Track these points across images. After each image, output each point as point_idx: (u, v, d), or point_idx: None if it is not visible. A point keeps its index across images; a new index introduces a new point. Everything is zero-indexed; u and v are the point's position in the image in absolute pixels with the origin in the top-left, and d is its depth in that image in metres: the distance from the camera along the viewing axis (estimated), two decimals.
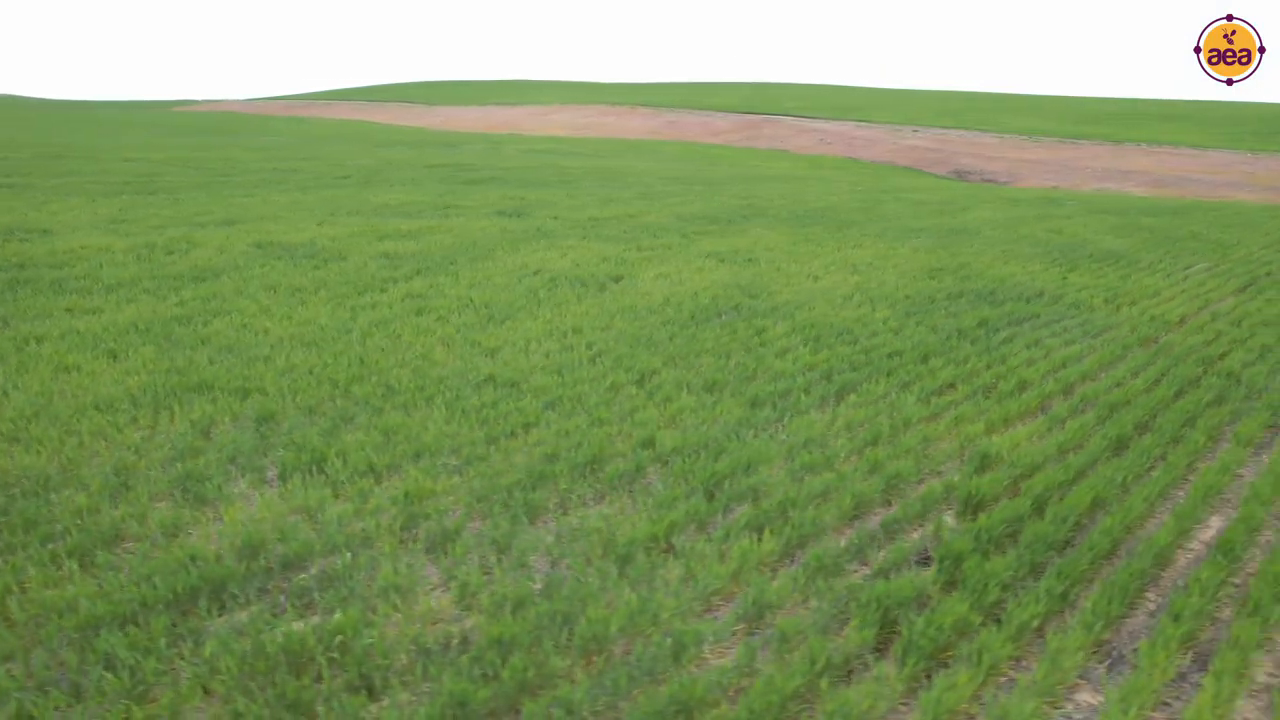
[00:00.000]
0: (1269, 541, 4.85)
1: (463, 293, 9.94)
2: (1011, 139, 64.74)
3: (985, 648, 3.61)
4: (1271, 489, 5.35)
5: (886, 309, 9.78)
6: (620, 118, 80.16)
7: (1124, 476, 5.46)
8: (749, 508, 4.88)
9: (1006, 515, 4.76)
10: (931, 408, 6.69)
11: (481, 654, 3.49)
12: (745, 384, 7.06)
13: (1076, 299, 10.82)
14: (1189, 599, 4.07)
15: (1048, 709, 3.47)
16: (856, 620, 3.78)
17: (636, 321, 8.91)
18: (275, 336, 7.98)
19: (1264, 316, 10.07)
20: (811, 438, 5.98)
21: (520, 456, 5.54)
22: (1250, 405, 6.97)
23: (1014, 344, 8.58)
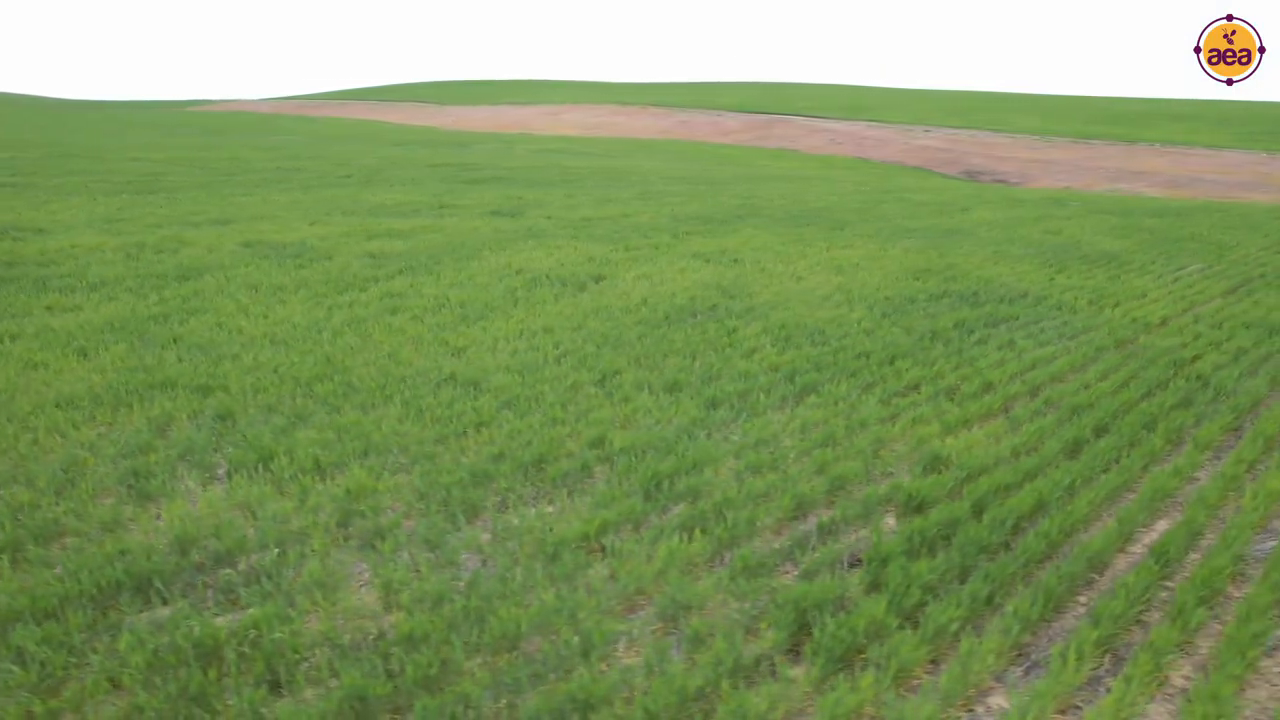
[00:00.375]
0: (1210, 545, 4.82)
1: (441, 292, 10.00)
2: (1024, 139, 64.33)
3: (895, 651, 3.61)
4: (1219, 494, 5.31)
5: (864, 310, 9.75)
6: (631, 117, 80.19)
7: (1073, 480, 5.43)
8: (685, 508, 4.90)
9: (943, 518, 4.76)
10: (891, 409, 6.68)
11: (389, 650, 3.52)
12: (707, 384, 7.08)
13: (1060, 300, 10.75)
14: (1112, 603, 4.05)
15: (954, 713, 3.47)
16: (768, 621, 3.79)
17: (610, 321, 8.94)
18: (248, 335, 8.06)
19: (1247, 318, 9.98)
20: (764, 438, 5.99)
21: (469, 455, 5.58)
22: (1215, 408, 6.91)
23: (986, 345, 8.55)
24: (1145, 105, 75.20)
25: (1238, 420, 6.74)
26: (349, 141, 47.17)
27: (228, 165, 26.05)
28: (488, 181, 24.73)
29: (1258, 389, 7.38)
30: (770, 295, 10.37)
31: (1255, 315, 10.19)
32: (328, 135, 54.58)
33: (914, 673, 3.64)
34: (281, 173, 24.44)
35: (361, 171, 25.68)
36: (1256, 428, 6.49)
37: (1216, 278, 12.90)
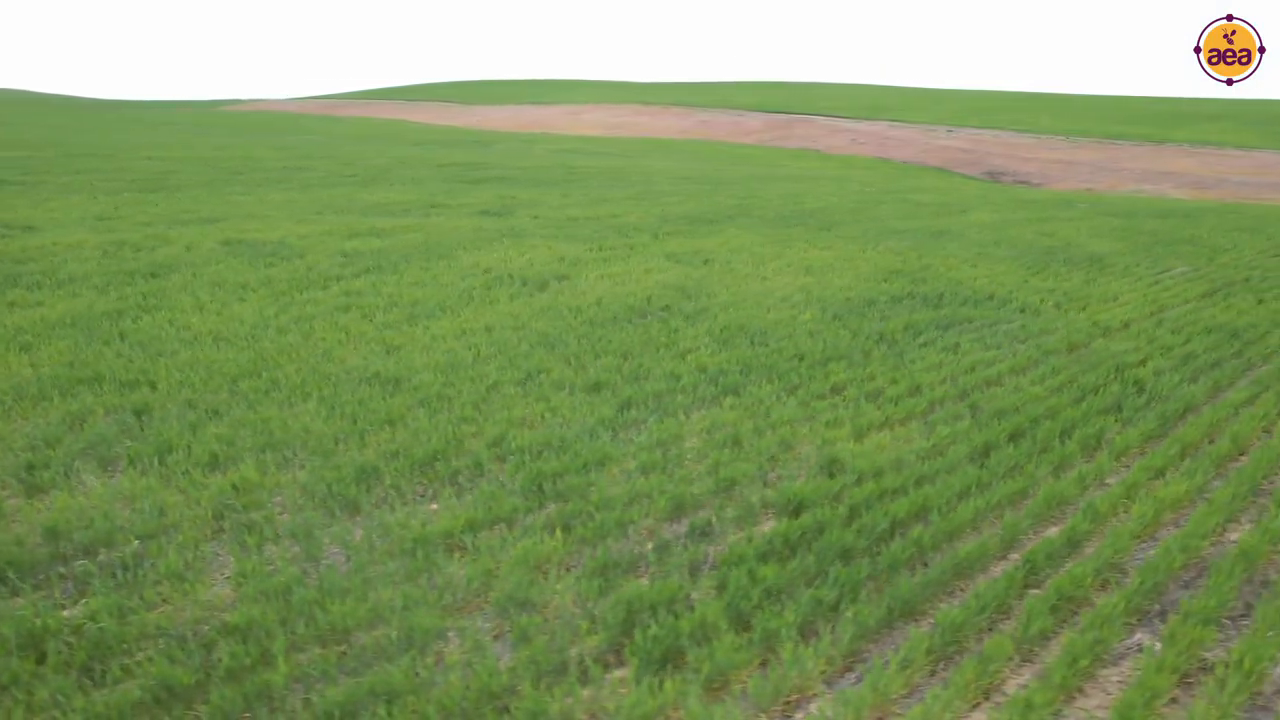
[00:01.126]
0: (1088, 554, 4.76)
1: (398, 291, 10.10)
2: (1047, 139, 63.43)
3: (712, 654, 3.62)
4: (1113, 502, 5.24)
5: (817, 311, 9.71)
6: (653, 117, 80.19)
7: (967, 485, 5.39)
8: (559, 507, 4.93)
9: (812, 522, 4.74)
10: (809, 411, 6.65)
11: (214, 642, 3.60)
12: (629, 385, 7.10)
13: (1025, 303, 10.62)
14: (960, 611, 4.02)
15: (767, 718, 3.47)
16: (589, 623, 3.81)
17: (556, 321, 8.98)
18: (194, 332, 8.21)
19: (1213, 323, 9.79)
20: (667, 439, 6.00)
21: (367, 452, 5.65)
22: (1143, 414, 6.81)
23: (931, 348, 8.47)
24: (1175, 105, 73.75)
25: (1163, 427, 6.63)
26: (368, 141, 47.69)
27: (238, 164, 26.47)
28: (490, 181, 24.90)
29: (1194, 395, 7.25)
30: (728, 296, 10.36)
31: (1222, 319, 9.99)
32: (348, 135, 55.22)
33: (736, 676, 3.64)
34: (287, 172, 24.80)
35: (367, 171, 25.98)
36: (1177, 434, 6.38)
37: (1198, 281, 12.66)
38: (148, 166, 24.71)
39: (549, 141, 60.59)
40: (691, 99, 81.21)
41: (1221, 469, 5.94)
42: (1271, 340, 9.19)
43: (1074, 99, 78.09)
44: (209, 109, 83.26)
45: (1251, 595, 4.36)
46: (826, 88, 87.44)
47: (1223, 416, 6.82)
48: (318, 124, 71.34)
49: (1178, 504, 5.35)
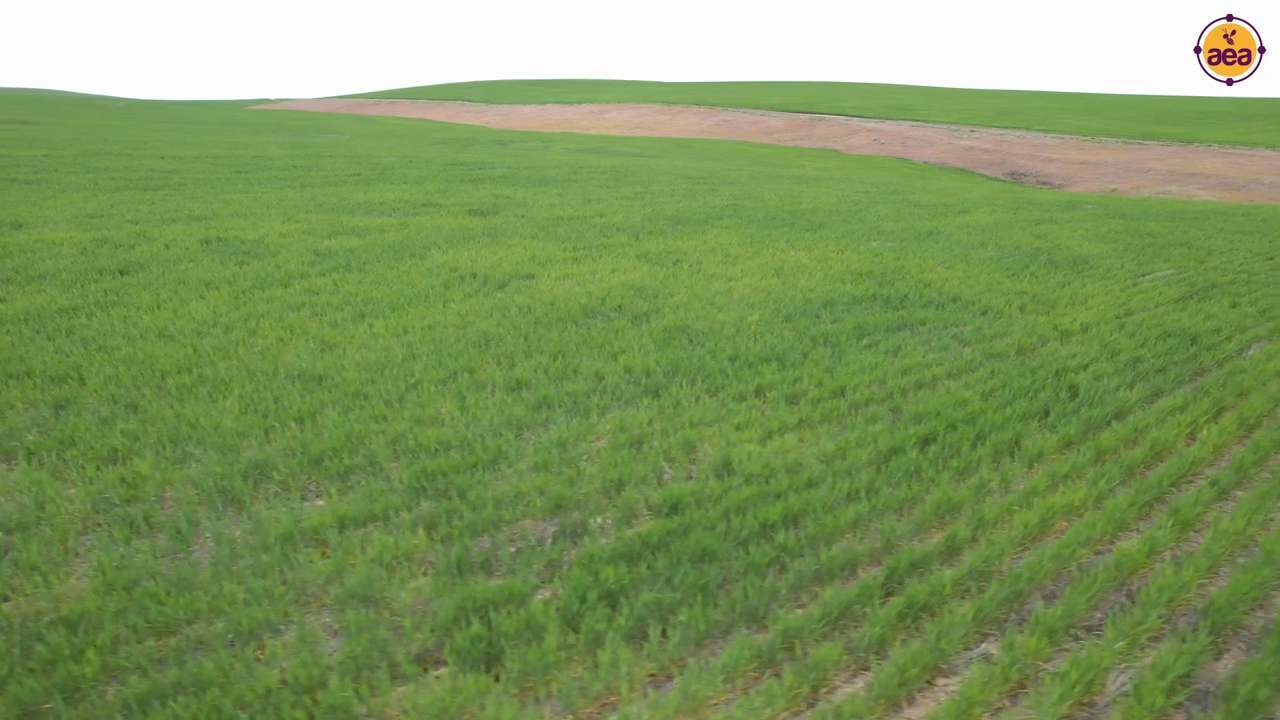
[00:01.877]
0: (963, 563, 4.70)
1: (357, 290, 10.21)
2: (1072, 140, 62.49)
3: (531, 655, 3.63)
4: (1003, 510, 5.17)
5: (770, 312, 9.66)
6: (675, 116, 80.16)
7: (858, 489, 5.35)
8: (434, 505, 4.97)
9: (679, 525, 4.73)
10: (723, 412, 6.63)
11: (40, 634, 3.68)
12: (553, 384, 7.12)
13: (990, 305, 10.48)
14: (801, 618, 4.00)
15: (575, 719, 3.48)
16: (419, 620, 3.84)
17: (503, 321, 9.03)
18: (142, 329, 8.36)
19: (1176, 327, 9.59)
20: (570, 439, 6.02)
21: (268, 448, 5.73)
22: (1067, 420, 6.70)
23: (873, 350, 8.40)
24: (1205, 104, 72.25)
25: (1085, 433, 6.51)
26: (386, 140, 48.08)
27: (246, 163, 26.85)
28: (491, 180, 25.02)
29: (1127, 400, 7.11)
30: (685, 297, 10.34)
31: (1187, 324, 9.78)
32: (369, 134, 55.77)
33: (554, 677, 3.65)
34: (294, 171, 25.11)
35: (372, 170, 26.22)
36: (1096, 441, 6.27)
37: (1178, 283, 12.41)
38: (158, 165, 25.14)
39: (569, 140, 60.82)
40: (715, 98, 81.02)
41: (1131, 476, 5.83)
42: (1230, 346, 8.99)
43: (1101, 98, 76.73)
44: (237, 109, 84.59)
45: (1111, 607, 4.28)
46: (850, 87, 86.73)
47: (1150, 422, 6.69)
48: (343, 123, 72.16)
49: (1073, 512, 5.26)
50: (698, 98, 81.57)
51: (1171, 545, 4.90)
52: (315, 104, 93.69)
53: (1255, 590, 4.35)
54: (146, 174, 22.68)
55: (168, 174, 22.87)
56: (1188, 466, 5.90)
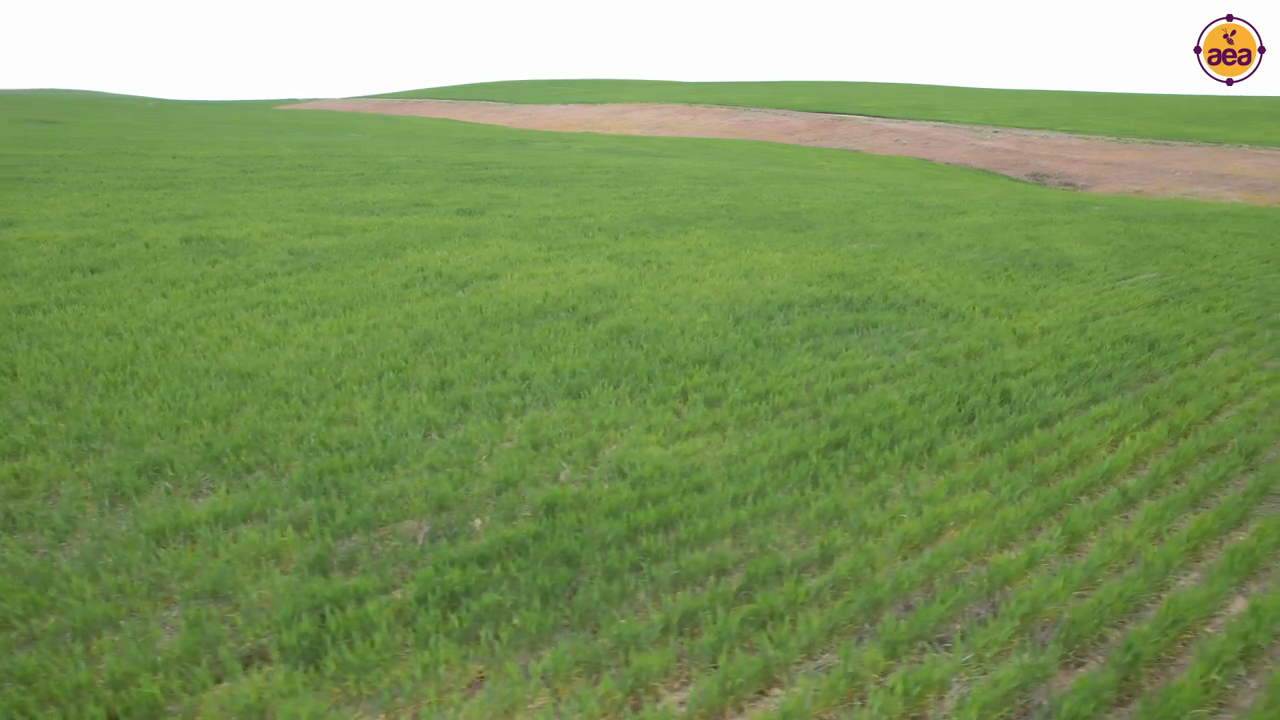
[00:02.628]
0: (832, 571, 4.63)
1: (319, 290, 10.30)
2: (1098, 140, 61.45)
3: (349, 653, 3.64)
4: (886, 521, 5.09)
5: (723, 314, 9.59)
6: (696, 116, 80.00)
7: (746, 494, 5.30)
8: (316, 503, 5.00)
9: (548, 526, 4.72)
10: (639, 414, 6.60)
11: None
12: (478, 385, 7.14)
13: (952, 308, 10.33)
14: (639, 624, 3.97)
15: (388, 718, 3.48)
16: (245, 618, 3.87)
17: (451, 320, 9.06)
18: (93, 326, 8.50)
19: (1139, 331, 9.38)
20: (476, 440, 6.03)
21: (173, 445, 5.80)
22: (991, 426, 6.58)
23: (814, 353, 8.31)
24: (1236, 104, 70.69)
25: (1004, 439, 6.40)
26: (404, 139, 48.44)
27: (256, 162, 27.21)
28: (493, 180, 25.13)
29: (1059, 406, 6.98)
30: (643, 298, 10.31)
31: (1151, 328, 9.57)
32: (390, 133, 56.26)
33: (376, 676, 3.65)
34: (299, 170, 25.40)
35: (377, 170, 26.45)
36: (1014, 447, 6.16)
37: (1157, 287, 12.15)
38: (168, 165, 25.56)
39: (588, 140, 60.93)
40: (737, 98, 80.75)
41: (1041, 484, 5.71)
42: (1188, 351, 8.78)
43: (1128, 98, 75.30)
44: (264, 108, 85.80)
45: (970, 619, 4.20)
46: (873, 87, 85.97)
47: (1076, 429, 6.56)
48: (367, 123, 72.84)
49: (965, 520, 5.17)
50: (719, 98, 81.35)
51: (1055, 556, 4.80)
52: (341, 104, 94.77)
53: (1124, 604, 4.25)
54: (154, 173, 23.07)
55: (175, 173, 23.25)
56: (1102, 475, 5.78)
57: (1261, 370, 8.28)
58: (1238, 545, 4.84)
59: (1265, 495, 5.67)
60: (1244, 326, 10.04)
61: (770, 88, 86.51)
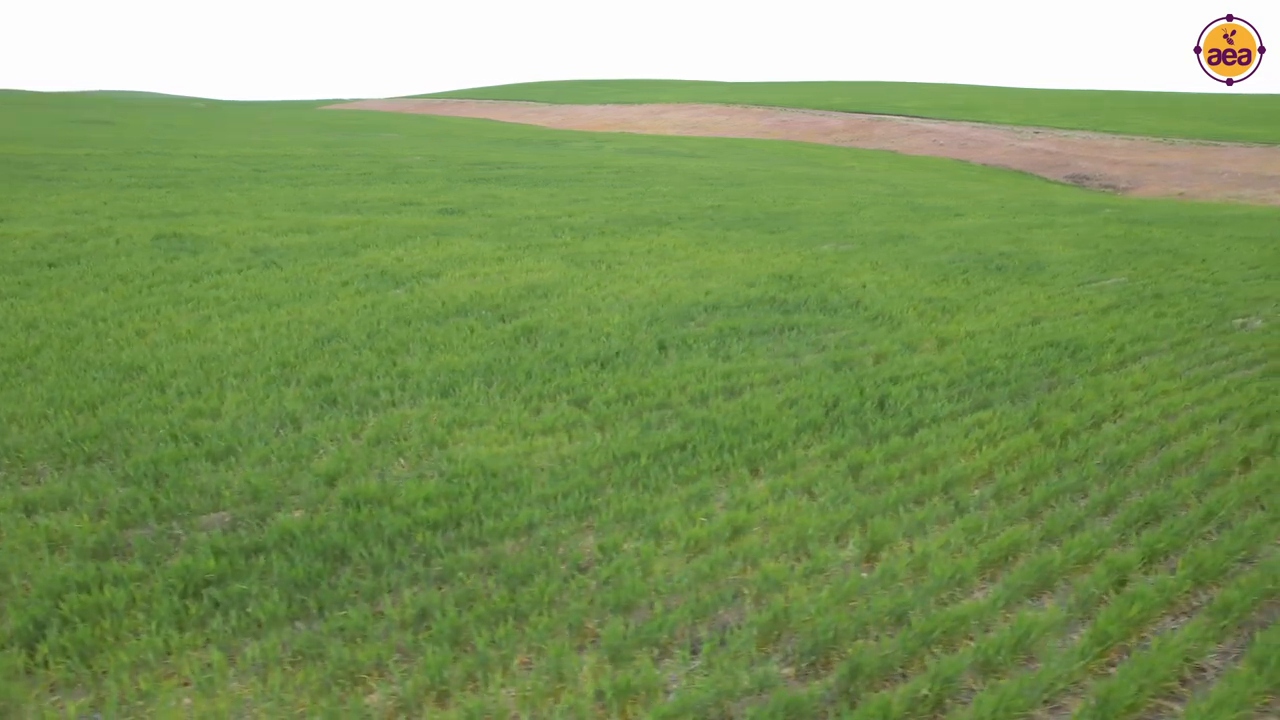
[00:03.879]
0: (602, 576, 4.61)
1: (256, 287, 10.53)
2: (1142, 141, 59.67)
3: (69, 638, 3.74)
4: (683, 523, 5.04)
5: (643, 315, 9.57)
6: (733, 117, 79.62)
7: (554, 494, 5.30)
8: (130, 491, 5.13)
9: (334, 520, 4.78)
10: (499, 413, 6.63)
11: None
12: (355, 380, 7.24)
13: (886, 311, 10.16)
14: (366, 619, 4.01)
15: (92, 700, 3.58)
16: None
17: (367, 318, 9.19)
18: (17, 318, 8.82)
19: (1066, 336, 9.11)
20: (323, 435, 6.12)
21: (24, 435, 6.00)
22: (848, 432, 6.47)
23: (712, 356, 8.24)
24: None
25: (856, 444, 6.27)
26: (441, 139, 49.08)
27: (270, 161, 27.85)
28: (497, 180, 25.36)
29: (930, 414, 6.83)
30: (573, 298, 10.34)
31: (1082, 333, 9.29)
32: (425, 133, 57.07)
33: (91, 662, 3.75)
34: (309, 170, 25.94)
35: (386, 169, 26.88)
36: (855, 455, 6.04)
37: (1118, 292, 11.78)
38: (184, 164, 26.29)
39: (621, 141, 61.09)
40: (774, 99, 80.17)
41: (870, 491, 5.60)
42: (1107, 358, 8.51)
43: (1176, 97, 72.79)
44: (308, 108, 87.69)
45: (718, 627, 4.15)
46: (912, 87, 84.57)
47: (940, 437, 6.41)
48: (406, 123, 73.94)
49: (771, 525, 5.10)
50: (757, 98, 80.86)
51: (842, 565, 4.71)
52: (384, 104, 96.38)
53: (886, 616, 4.16)
54: (169, 172, 23.75)
55: (186, 172, 23.90)
56: (942, 484, 5.64)
57: (1175, 379, 8.00)
58: (1041, 560, 4.70)
59: (1110, 509, 5.49)
60: (1186, 333, 9.70)
61: (808, 88, 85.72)
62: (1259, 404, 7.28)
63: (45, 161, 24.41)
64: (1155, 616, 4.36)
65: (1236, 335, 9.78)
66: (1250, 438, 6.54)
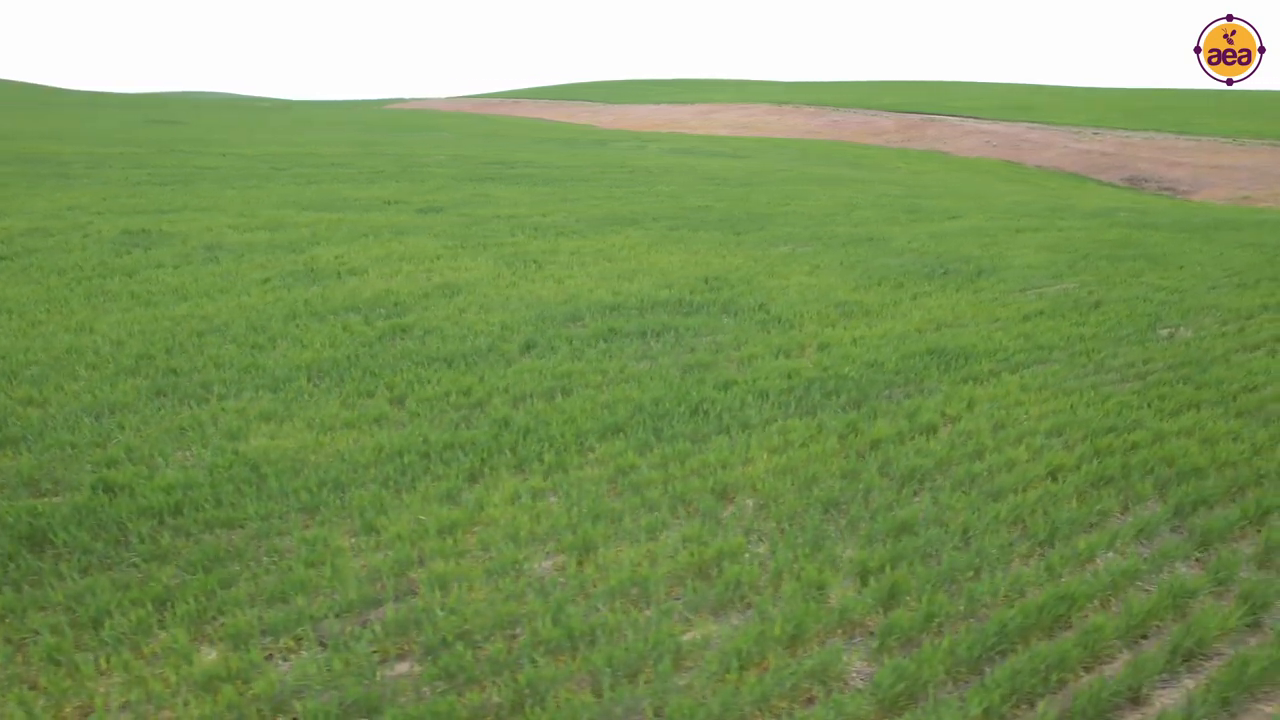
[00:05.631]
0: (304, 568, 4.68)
1: (181, 281, 10.90)
2: (1209, 141, 56.99)
3: None
4: (406, 519, 5.08)
5: (529, 315, 9.60)
6: (784, 116, 78.87)
7: (316, 485, 5.40)
8: None
9: (84, 506, 4.97)
10: (309, 408, 6.76)
11: None
12: (200, 373, 7.47)
13: (787, 315, 9.97)
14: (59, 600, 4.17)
15: None
16: None
17: (263, 314, 9.44)
18: None
19: (956, 345, 8.79)
20: (132, 424, 6.35)
21: None
22: (640, 435, 6.39)
23: (563, 358, 8.23)
24: None
25: (642, 447, 6.20)
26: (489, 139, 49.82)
27: (290, 160, 28.70)
28: (502, 180, 25.66)
29: (739, 421, 6.70)
30: (479, 297, 10.42)
31: (976, 342, 8.96)
32: (474, 132, 58.09)
33: None
34: (324, 168, 26.66)
35: (399, 168, 27.45)
36: (618, 462, 5.96)
37: (1057, 299, 11.31)
38: (206, 163, 27.28)
39: (666, 140, 61.17)
40: (826, 98, 79.10)
41: (617, 497, 5.54)
42: (982, 367, 8.21)
43: (1257, 96, 69.09)
44: (370, 108, 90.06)
45: (361, 623, 4.18)
46: (970, 86, 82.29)
47: (728, 444, 6.29)
48: (459, 122, 75.32)
49: (490, 526, 5.09)
50: (810, 98, 79.89)
51: (539, 570, 4.68)
52: (445, 103, 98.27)
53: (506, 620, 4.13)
54: (186, 170, 24.70)
55: (204, 170, 24.82)
56: (702, 492, 5.55)
57: (1042, 390, 7.68)
58: (739, 572, 4.59)
59: (858, 524, 5.32)
60: (1097, 342, 9.28)
61: (863, 87, 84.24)
62: (1107, 417, 6.95)
63: (77, 160, 25.62)
64: (827, 634, 4.23)
65: (1152, 345, 9.33)
66: (1067, 453, 6.25)
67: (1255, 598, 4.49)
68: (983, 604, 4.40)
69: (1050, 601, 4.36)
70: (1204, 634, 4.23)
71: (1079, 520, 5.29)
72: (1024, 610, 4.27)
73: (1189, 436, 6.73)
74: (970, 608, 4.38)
